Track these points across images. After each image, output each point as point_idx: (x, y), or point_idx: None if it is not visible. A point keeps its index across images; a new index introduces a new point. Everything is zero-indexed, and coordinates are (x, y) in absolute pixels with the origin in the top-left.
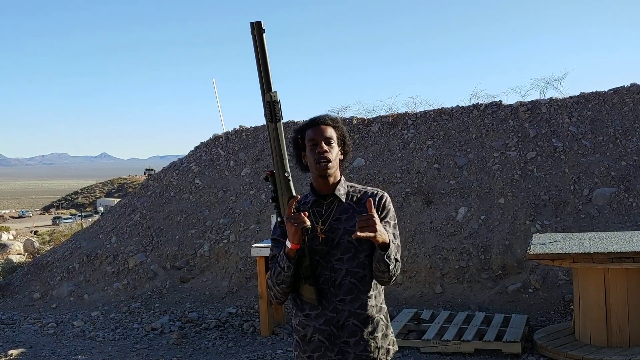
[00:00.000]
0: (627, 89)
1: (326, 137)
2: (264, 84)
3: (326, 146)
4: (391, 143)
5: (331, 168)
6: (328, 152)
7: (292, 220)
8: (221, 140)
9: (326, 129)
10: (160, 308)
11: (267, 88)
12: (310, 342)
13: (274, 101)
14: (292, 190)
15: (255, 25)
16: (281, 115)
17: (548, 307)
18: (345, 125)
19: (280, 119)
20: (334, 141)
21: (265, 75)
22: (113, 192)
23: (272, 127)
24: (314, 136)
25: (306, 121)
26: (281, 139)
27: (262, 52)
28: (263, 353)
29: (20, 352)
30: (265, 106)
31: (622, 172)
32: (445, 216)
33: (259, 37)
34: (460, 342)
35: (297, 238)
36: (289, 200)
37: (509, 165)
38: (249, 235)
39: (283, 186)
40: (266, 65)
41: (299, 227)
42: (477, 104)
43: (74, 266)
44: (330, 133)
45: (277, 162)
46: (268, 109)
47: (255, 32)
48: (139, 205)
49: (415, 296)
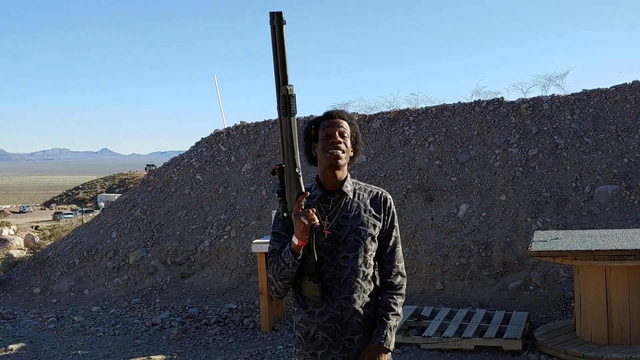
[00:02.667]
0: (629, 86)
1: (341, 130)
2: (280, 77)
3: (340, 138)
4: (392, 139)
5: (342, 159)
6: (341, 143)
7: (301, 216)
8: (222, 136)
9: (342, 122)
10: (161, 303)
11: (284, 81)
12: (313, 339)
13: (290, 95)
14: (302, 187)
15: (276, 16)
16: (296, 109)
17: (549, 304)
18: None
19: (295, 113)
20: (347, 135)
21: (282, 68)
22: (114, 187)
23: (285, 121)
24: (330, 127)
25: (323, 114)
26: (294, 133)
27: (281, 44)
28: (263, 349)
29: (20, 347)
30: (280, 99)
31: (624, 169)
32: (447, 213)
33: (278, 28)
34: (461, 339)
35: (305, 235)
36: (298, 196)
37: (510, 162)
38: (249, 231)
39: (293, 181)
40: (284, 57)
41: (309, 223)
42: (479, 100)
43: (74, 261)
44: (346, 127)
45: (289, 157)
46: (283, 103)
47: (275, 22)
48: (140, 200)
49: (415, 293)
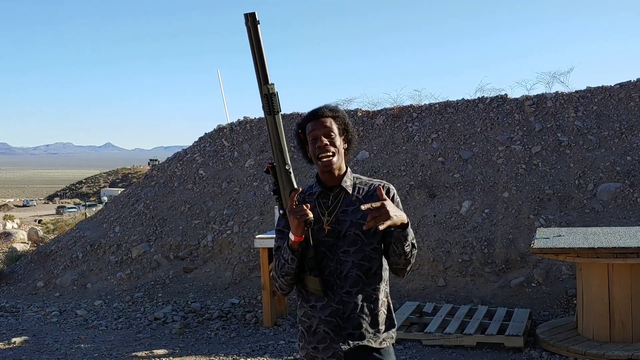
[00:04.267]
0: (633, 83)
1: (326, 130)
2: (261, 77)
3: (326, 139)
4: (396, 136)
5: (334, 162)
6: (329, 146)
7: (294, 212)
8: (225, 131)
9: (325, 120)
10: (163, 298)
11: (264, 80)
12: (315, 333)
13: (271, 93)
14: (294, 183)
15: (250, 17)
16: (279, 107)
17: (551, 301)
18: (350, 118)
19: (279, 112)
20: (334, 133)
21: (262, 68)
22: (117, 182)
23: (270, 120)
24: (314, 130)
25: (306, 115)
26: (280, 131)
27: (258, 44)
28: (265, 344)
29: (23, 340)
30: (262, 99)
31: (628, 167)
32: (449, 209)
33: (253, 28)
34: (463, 336)
35: (299, 230)
36: (291, 193)
37: (513, 159)
38: (252, 227)
39: (284, 179)
40: (262, 57)
41: (302, 219)
42: (483, 97)
43: (77, 255)
44: (330, 124)
45: (277, 155)
46: (266, 102)
47: (249, 23)
48: (143, 195)
49: (418, 289)
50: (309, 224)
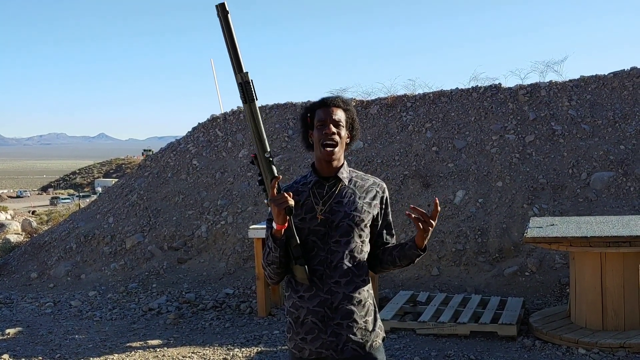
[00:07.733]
0: (627, 72)
1: (335, 119)
2: (235, 65)
3: (334, 128)
4: (390, 125)
5: (336, 152)
6: (335, 135)
7: (274, 201)
8: (219, 121)
9: (337, 110)
10: (158, 288)
11: (238, 69)
12: (303, 324)
13: (246, 82)
14: (274, 171)
15: (220, 8)
16: (255, 95)
17: (544, 290)
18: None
19: (255, 100)
20: (342, 124)
21: (235, 57)
22: (111, 172)
23: (247, 108)
24: (324, 116)
25: (317, 100)
26: (257, 119)
27: (229, 33)
28: (260, 334)
29: (17, 331)
30: (238, 87)
31: (621, 156)
32: (443, 199)
33: (224, 18)
34: (456, 325)
35: (280, 219)
36: (272, 181)
37: (507, 149)
38: (246, 217)
39: (265, 167)
40: (235, 46)
41: (282, 207)
42: (477, 86)
43: (71, 246)
44: (340, 115)
45: (257, 144)
46: (241, 90)
47: (220, 14)
48: (137, 185)
49: (411, 278)
50: (289, 212)
